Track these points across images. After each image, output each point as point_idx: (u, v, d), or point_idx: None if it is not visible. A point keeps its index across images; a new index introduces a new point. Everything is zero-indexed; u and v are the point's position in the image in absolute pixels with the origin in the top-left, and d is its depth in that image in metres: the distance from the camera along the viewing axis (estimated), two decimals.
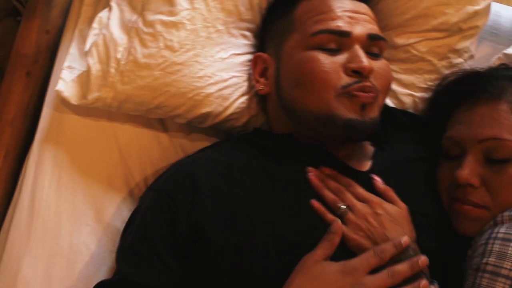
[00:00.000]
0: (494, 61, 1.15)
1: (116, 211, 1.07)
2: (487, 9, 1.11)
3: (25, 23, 1.13)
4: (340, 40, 0.91)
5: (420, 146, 1.06)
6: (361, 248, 0.84)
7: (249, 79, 1.06)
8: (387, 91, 0.97)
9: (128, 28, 1.01)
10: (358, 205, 0.87)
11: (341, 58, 0.91)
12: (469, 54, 1.13)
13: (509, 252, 0.78)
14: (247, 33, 1.08)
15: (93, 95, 1.01)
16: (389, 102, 1.12)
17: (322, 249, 0.83)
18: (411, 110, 1.13)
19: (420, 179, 0.99)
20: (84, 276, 1.02)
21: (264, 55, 1.01)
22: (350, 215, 0.86)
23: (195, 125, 1.09)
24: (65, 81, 1.04)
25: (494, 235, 0.81)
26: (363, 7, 0.97)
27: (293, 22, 0.96)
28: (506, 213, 0.84)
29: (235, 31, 1.05)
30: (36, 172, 1.04)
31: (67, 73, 1.05)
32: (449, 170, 0.93)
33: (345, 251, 0.84)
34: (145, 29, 1.00)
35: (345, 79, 0.89)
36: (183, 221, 0.88)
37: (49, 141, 1.06)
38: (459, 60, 1.11)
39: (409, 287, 0.79)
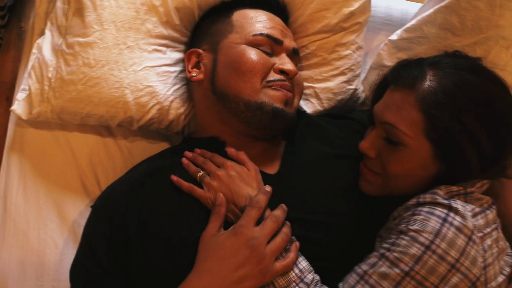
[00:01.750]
0: (382, 47, 1.23)
1: (75, 207, 1.23)
2: (363, 7, 1.24)
3: (2, 54, 1.32)
4: (273, 46, 1.07)
5: (338, 143, 1.13)
6: (214, 203, 0.95)
7: (166, 88, 1.18)
8: (301, 96, 1.13)
9: (55, 51, 1.16)
10: (215, 170, 0.99)
11: (272, 60, 1.06)
12: (356, 46, 1.26)
13: (430, 224, 0.86)
14: (162, 48, 1.19)
15: (35, 110, 1.17)
16: None
17: (212, 223, 0.93)
18: (314, 100, 1.24)
19: (333, 177, 1.06)
20: (53, 264, 1.20)
21: (198, 50, 1.12)
22: (207, 178, 0.99)
23: (128, 128, 1.22)
24: (18, 101, 1.21)
25: (418, 211, 0.90)
26: (285, 25, 1.15)
27: (232, 25, 1.10)
28: (428, 195, 0.92)
29: (147, 47, 1.16)
30: (6, 180, 1.23)
31: (22, 94, 1.22)
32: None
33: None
34: (67, 50, 1.14)
35: (272, 75, 1.04)
36: (120, 235, 0.98)
37: (14, 152, 1.24)
38: (348, 51, 1.24)
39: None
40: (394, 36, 1.24)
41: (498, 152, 0.94)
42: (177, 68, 1.20)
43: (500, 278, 0.91)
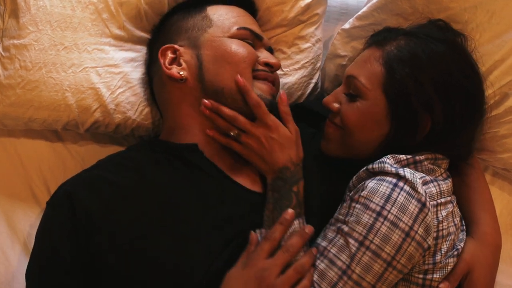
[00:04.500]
0: (335, 37, 1.24)
1: (24, 216, 1.19)
2: None
3: None
4: (255, 41, 1.07)
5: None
6: (252, 161, 1.00)
7: (110, 90, 1.13)
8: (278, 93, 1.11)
9: None
10: (253, 128, 0.99)
11: (256, 51, 1.06)
12: (316, 39, 1.24)
13: (381, 190, 0.87)
14: (104, 47, 1.14)
15: None
16: None
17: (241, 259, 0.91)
18: None
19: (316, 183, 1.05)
20: (4, 278, 1.15)
21: (174, 46, 1.07)
22: (244, 137, 1.00)
23: (76, 131, 1.18)
24: None
25: (369, 180, 0.91)
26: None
27: (210, 19, 1.07)
28: (376, 165, 0.93)
29: (86, 46, 1.12)
30: None
31: None
32: None
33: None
34: (4, 54, 1.09)
35: (258, 66, 1.05)
36: (82, 231, 0.94)
37: None
38: (307, 44, 1.23)
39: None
40: (346, 25, 1.22)
41: (449, 124, 0.95)
42: (122, 69, 1.14)
43: (451, 256, 0.91)
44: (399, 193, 0.86)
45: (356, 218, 0.87)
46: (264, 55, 1.07)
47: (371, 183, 0.88)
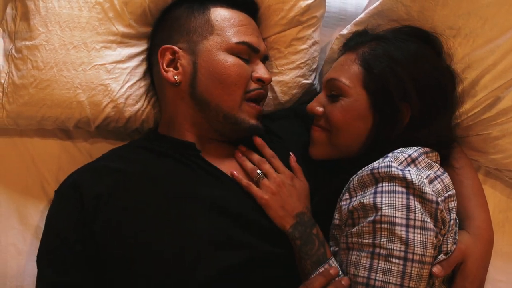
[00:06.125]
0: (333, 41, 1.25)
1: (37, 213, 1.24)
2: (319, 1, 1.24)
3: None
4: (251, 54, 1.10)
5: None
6: (269, 207, 1.00)
7: (119, 85, 1.17)
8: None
9: (7, 56, 1.17)
10: (274, 174, 1.04)
11: (250, 68, 1.10)
12: (313, 41, 1.26)
13: (397, 202, 0.90)
14: (111, 45, 1.18)
15: None
16: None
17: None
18: (268, 93, 1.24)
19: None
20: (15, 272, 1.20)
21: (174, 47, 1.10)
22: (265, 181, 1.03)
23: (86, 129, 1.22)
24: None
25: (379, 192, 0.93)
26: (257, 26, 1.18)
27: (211, 25, 1.10)
28: (382, 170, 0.93)
29: (95, 45, 1.16)
30: None
31: None
32: None
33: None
34: (16, 55, 1.15)
35: (252, 85, 1.09)
36: (88, 219, 0.99)
37: None
38: (304, 46, 1.25)
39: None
40: (344, 31, 1.24)
41: (426, 111, 1.01)
42: (129, 64, 1.19)
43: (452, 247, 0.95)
44: (414, 200, 0.89)
45: (389, 237, 0.88)
46: (257, 70, 1.10)
47: (384, 200, 0.90)
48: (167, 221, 0.98)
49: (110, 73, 1.17)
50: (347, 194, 0.97)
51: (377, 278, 0.87)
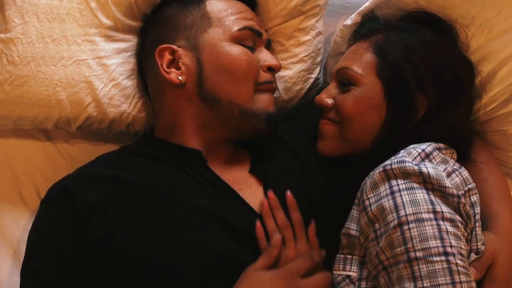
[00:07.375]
0: (337, 33, 1.20)
1: (13, 221, 1.14)
2: None
3: None
4: (255, 39, 1.04)
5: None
6: (269, 242, 0.92)
7: (102, 83, 1.08)
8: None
9: None
10: (293, 244, 0.94)
11: (256, 56, 1.03)
12: (317, 31, 1.19)
13: (419, 197, 0.84)
14: (94, 38, 1.09)
15: None
16: None
17: (262, 260, 0.89)
18: None
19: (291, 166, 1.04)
20: None
21: (173, 46, 1.02)
22: (287, 248, 0.93)
23: (66, 130, 1.13)
24: None
25: (397, 191, 0.85)
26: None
27: (208, 17, 1.02)
28: (395, 165, 0.87)
29: (76, 38, 1.07)
30: None
31: None
32: None
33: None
34: None
35: (264, 76, 1.03)
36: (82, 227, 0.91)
37: None
38: (307, 37, 1.17)
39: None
40: (348, 21, 1.18)
41: (442, 103, 0.97)
42: (114, 61, 1.09)
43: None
44: (434, 194, 0.84)
45: (421, 236, 0.80)
46: (264, 57, 1.04)
47: (405, 197, 0.83)
48: (171, 236, 0.91)
49: (92, 69, 1.07)
50: (361, 200, 0.90)
51: (425, 285, 0.78)
